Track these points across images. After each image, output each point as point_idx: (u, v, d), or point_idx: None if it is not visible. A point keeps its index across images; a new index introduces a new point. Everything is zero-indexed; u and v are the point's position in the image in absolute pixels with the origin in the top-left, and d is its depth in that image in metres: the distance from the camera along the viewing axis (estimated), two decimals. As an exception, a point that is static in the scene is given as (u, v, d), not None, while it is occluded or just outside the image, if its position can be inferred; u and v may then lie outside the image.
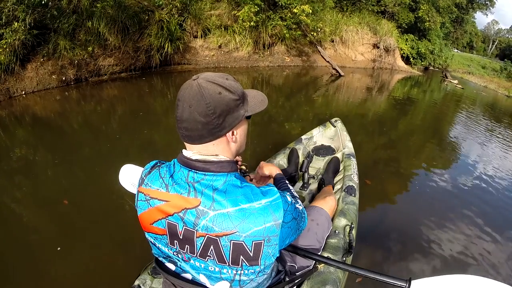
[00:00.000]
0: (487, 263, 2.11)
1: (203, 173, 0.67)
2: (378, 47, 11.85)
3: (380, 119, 5.73)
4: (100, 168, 2.50)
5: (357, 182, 1.83)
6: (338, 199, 1.62)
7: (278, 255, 0.72)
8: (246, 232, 0.64)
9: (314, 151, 2.29)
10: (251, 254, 0.67)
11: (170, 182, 0.69)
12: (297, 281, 1.00)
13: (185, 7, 6.57)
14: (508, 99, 14.29)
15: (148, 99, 4.64)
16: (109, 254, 1.77)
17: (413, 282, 0.91)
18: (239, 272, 0.70)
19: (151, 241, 0.76)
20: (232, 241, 0.65)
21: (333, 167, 1.98)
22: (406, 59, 14.64)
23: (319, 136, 2.49)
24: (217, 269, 0.70)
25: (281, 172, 1.06)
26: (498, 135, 6.26)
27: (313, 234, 1.19)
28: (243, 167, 1.23)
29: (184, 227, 0.67)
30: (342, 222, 1.40)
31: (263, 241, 0.66)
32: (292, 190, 0.93)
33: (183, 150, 0.72)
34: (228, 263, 0.68)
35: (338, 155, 2.19)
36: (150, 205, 0.70)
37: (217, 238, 0.65)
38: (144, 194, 0.72)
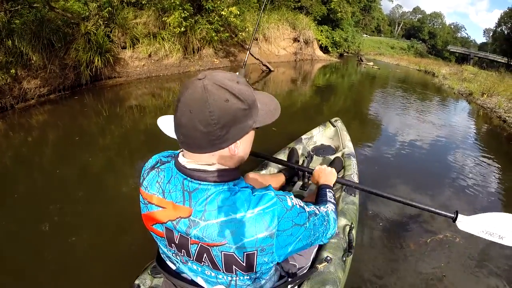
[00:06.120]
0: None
1: (198, 182, 0.64)
2: (298, 41, 13.03)
3: (305, 106, 6.34)
4: (42, 204, 2.40)
5: (357, 182, 1.83)
6: (338, 198, 1.61)
7: (278, 261, 0.69)
8: (237, 244, 0.62)
9: (314, 151, 2.27)
10: (244, 264, 0.64)
11: (167, 189, 0.66)
12: (297, 281, 0.98)
13: (111, 17, 6.49)
14: (419, 72, 16.57)
15: (82, 120, 4.51)
16: (109, 254, 1.85)
17: (459, 216, 1.08)
18: (234, 278, 0.68)
19: (155, 239, 0.76)
20: (222, 252, 0.63)
21: (335, 168, 1.95)
22: (324, 49, 16.18)
23: (319, 135, 2.50)
24: (213, 274, 0.69)
25: (330, 185, 1.05)
26: (413, 104, 7.38)
27: None
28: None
29: (179, 233, 0.66)
30: (342, 222, 1.39)
31: (256, 251, 0.63)
32: (327, 207, 0.87)
33: (180, 155, 0.68)
34: (222, 270, 0.66)
35: (338, 154, 2.18)
36: (148, 209, 0.69)
37: (209, 248, 0.64)
38: (143, 198, 0.71)
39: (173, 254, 0.73)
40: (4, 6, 4.84)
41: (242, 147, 0.67)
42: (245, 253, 0.63)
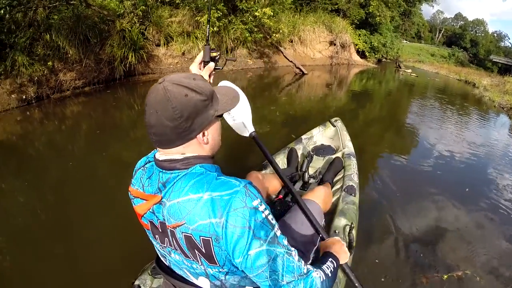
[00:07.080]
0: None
1: (170, 171, 0.68)
2: (334, 44, 12.55)
3: (340, 112, 5.99)
4: (71, 187, 2.49)
5: (357, 182, 1.81)
6: (338, 198, 1.61)
7: (238, 267, 0.64)
8: (193, 225, 0.62)
9: (314, 151, 2.27)
10: (203, 250, 0.64)
11: (146, 183, 0.72)
12: None
13: (146, 15, 6.57)
14: (459, 82, 15.57)
15: (114, 112, 4.60)
16: (109, 255, 1.83)
17: None
18: (204, 269, 0.69)
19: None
20: (183, 234, 0.65)
21: (335, 168, 1.99)
22: (361, 54, 15.55)
23: (319, 135, 2.50)
24: (188, 264, 0.70)
25: (337, 257, 0.92)
26: (450, 116, 6.90)
27: (307, 228, 1.17)
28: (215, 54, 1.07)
29: (158, 221, 0.69)
30: (342, 222, 1.37)
31: (210, 239, 0.62)
32: (317, 271, 0.74)
33: (157, 152, 0.74)
34: (191, 257, 0.68)
35: (338, 154, 2.17)
36: (135, 203, 0.75)
37: (174, 230, 0.66)
38: (131, 194, 0.76)
39: (160, 247, 0.75)
40: (43, 2, 4.98)
41: (211, 136, 0.72)
42: (201, 237, 0.63)
